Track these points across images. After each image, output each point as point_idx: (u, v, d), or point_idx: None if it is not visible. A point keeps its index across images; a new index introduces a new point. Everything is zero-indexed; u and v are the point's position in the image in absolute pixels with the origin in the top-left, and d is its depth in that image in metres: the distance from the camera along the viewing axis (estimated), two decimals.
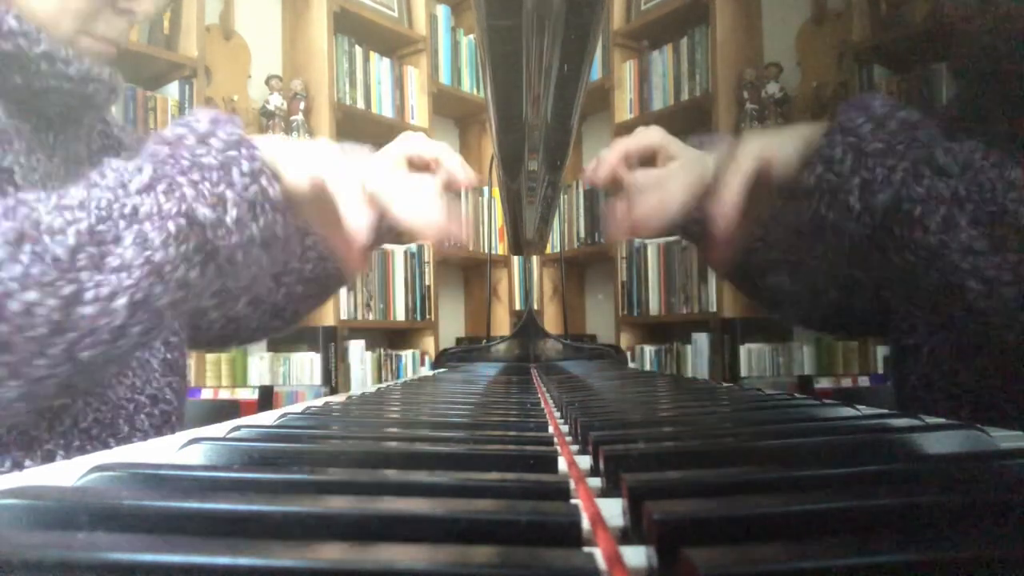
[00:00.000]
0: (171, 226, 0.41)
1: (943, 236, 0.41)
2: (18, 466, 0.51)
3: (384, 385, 0.56)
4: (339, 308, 2.41)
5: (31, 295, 0.38)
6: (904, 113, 0.45)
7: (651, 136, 0.56)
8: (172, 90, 2.09)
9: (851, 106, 0.46)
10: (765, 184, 0.47)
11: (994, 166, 0.42)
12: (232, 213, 0.42)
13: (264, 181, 0.44)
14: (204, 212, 0.42)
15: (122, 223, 0.40)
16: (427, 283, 2.72)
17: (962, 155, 0.42)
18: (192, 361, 2.01)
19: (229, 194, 0.43)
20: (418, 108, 2.72)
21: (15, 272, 0.37)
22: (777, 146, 0.47)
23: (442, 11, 2.86)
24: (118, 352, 0.42)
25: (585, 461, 0.25)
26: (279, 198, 0.45)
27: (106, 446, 0.56)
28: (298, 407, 0.42)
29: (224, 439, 0.25)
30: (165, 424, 0.63)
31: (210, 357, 2.15)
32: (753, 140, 0.48)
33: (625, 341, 2.68)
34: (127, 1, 0.58)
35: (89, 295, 0.39)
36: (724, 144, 0.51)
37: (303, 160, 0.47)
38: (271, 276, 0.46)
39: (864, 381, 2.01)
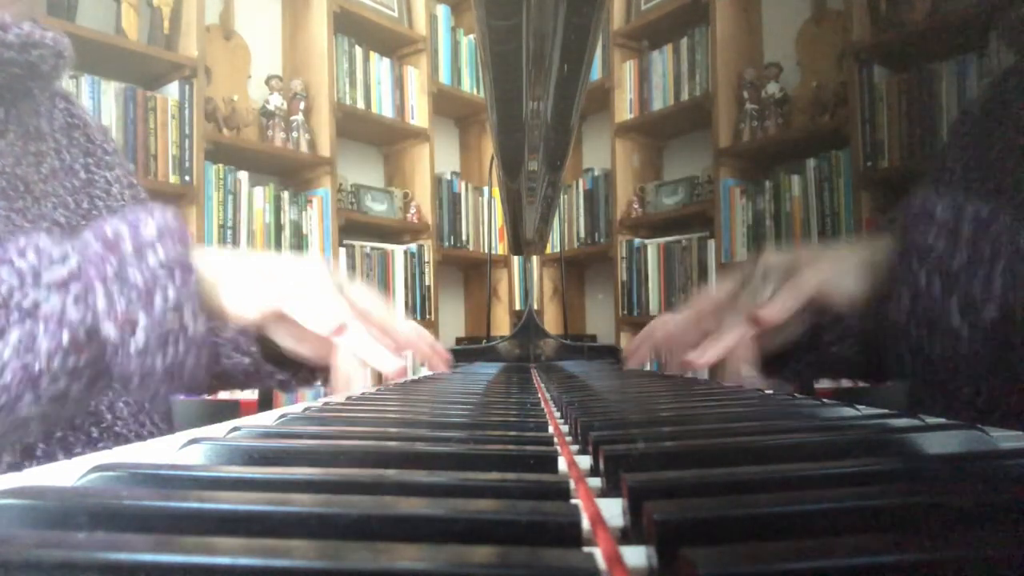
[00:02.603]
0: (65, 336, 0.36)
1: None
2: (17, 467, 0.51)
3: (384, 385, 0.56)
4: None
5: None
6: (972, 209, 0.41)
7: (688, 317, 0.53)
8: (172, 90, 2.09)
9: (915, 217, 0.42)
10: (819, 309, 0.45)
11: None
12: (139, 340, 0.37)
13: (187, 315, 0.39)
14: (108, 330, 0.37)
15: (15, 316, 0.36)
16: (427, 283, 2.72)
17: None
18: None
19: (142, 319, 0.38)
20: (418, 108, 2.72)
21: None
22: (836, 277, 0.44)
23: (442, 11, 2.86)
24: None
25: (585, 461, 0.25)
26: (198, 336, 0.40)
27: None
28: (298, 407, 0.42)
29: (224, 439, 0.25)
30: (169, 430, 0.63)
31: None
32: (812, 269, 0.45)
33: (625, 341, 2.68)
34: None
35: None
36: (776, 280, 0.48)
37: (257, 293, 0.44)
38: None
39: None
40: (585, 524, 0.16)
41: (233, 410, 1.57)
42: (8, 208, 0.54)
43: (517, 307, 2.90)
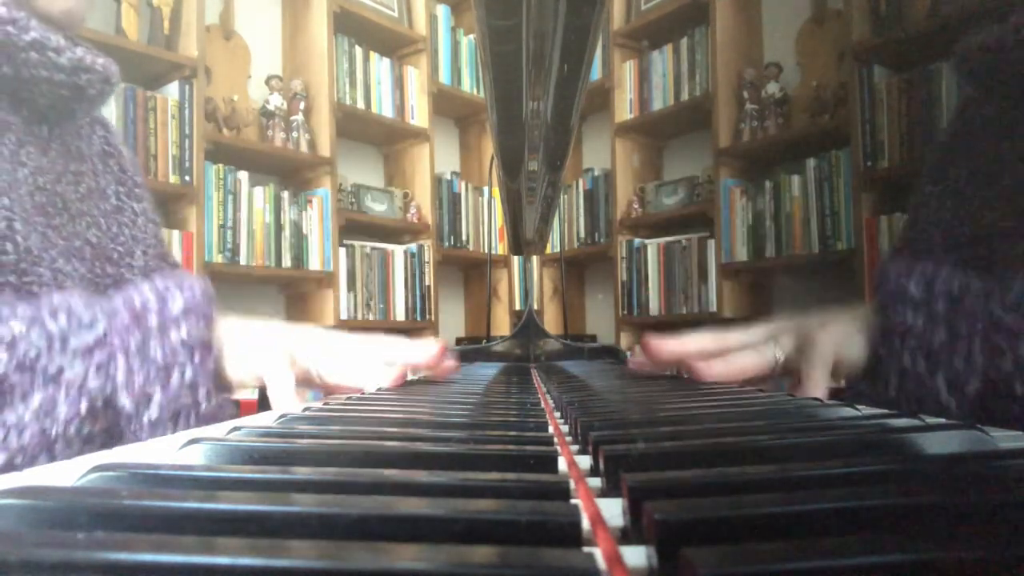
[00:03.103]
0: (84, 405, 0.37)
1: None
2: (17, 467, 0.51)
3: (381, 388, 0.56)
4: (339, 308, 2.41)
5: None
6: (942, 285, 0.43)
7: (703, 342, 0.54)
8: (172, 90, 2.09)
9: (890, 298, 0.44)
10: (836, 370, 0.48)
11: None
12: (152, 414, 0.39)
13: (200, 395, 0.41)
14: (125, 402, 0.38)
15: (39, 380, 0.36)
16: (427, 283, 2.72)
17: (1019, 303, 0.40)
18: None
19: (158, 395, 0.39)
20: (418, 108, 2.72)
21: None
22: (846, 350, 0.47)
23: (442, 11, 2.86)
24: None
25: (585, 461, 0.25)
26: (208, 415, 0.42)
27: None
28: (298, 407, 0.42)
29: (224, 439, 0.25)
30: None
31: None
32: (824, 342, 0.47)
33: (625, 341, 2.68)
34: None
35: None
36: (790, 337, 0.51)
37: (250, 363, 0.47)
38: None
39: None
40: (585, 524, 0.16)
41: (233, 410, 1.57)
42: (46, 224, 0.55)
43: (517, 307, 2.90)
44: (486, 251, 2.92)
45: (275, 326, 0.52)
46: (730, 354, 0.52)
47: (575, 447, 0.28)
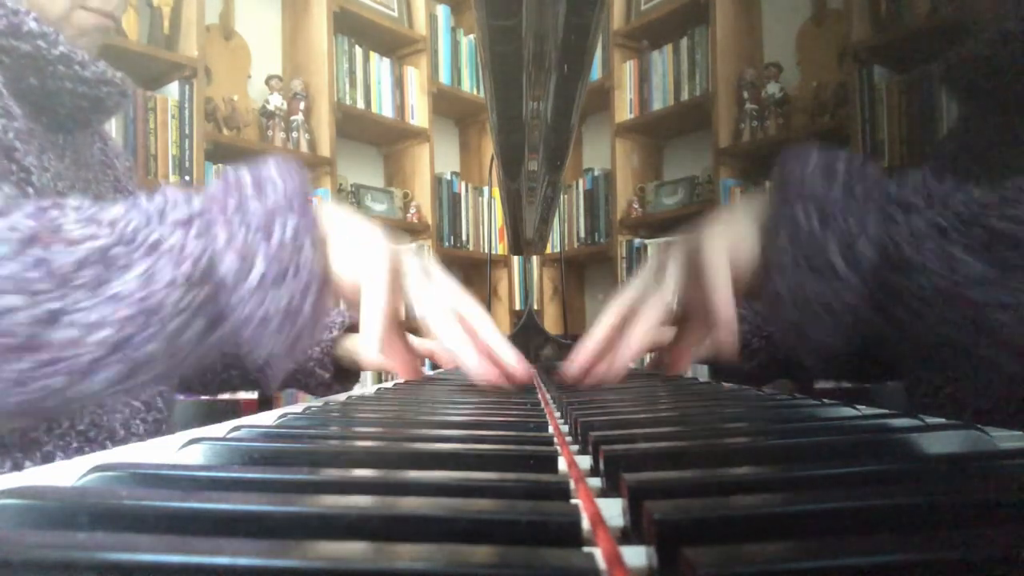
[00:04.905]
0: (186, 267, 0.36)
1: (947, 273, 0.37)
2: (18, 467, 0.51)
3: (384, 385, 0.56)
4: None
5: (14, 299, 0.34)
6: (844, 154, 0.42)
7: (606, 324, 0.50)
8: (172, 90, 2.08)
9: (789, 162, 0.42)
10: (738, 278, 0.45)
11: (955, 189, 0.39)
12: (258, 270, 0.37)
13: (307, 247, 0.39)
14: (229, 261, 0.37)
15: (139, 252, 0.36)
16: None
17: (917, 184, 0.40)
18: None
19: (262, 247, 0.37)
20: (418, 108, 2.72)
21: (9, 270, 0.34)
22: (738, 240, 0.44)
23: (442, 11, 2.86)
24: (77, 395, 0.36)
25: (585, 461, 0.25)
26: (316, 273, 0.39)
27: (103, 448, 0.57)
28: (298, 407, 0.42)
29: (224, 439, 0.25)
30: (158, 431, 0.63)
31: None
32: (714, 260, 0.45)
33: None
34: None
35: (69, 318, 0.35)
36: (677, 267, 0.48)
37: (356, 256, 0.44)
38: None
39: None
40: (585, 524, 0.16)
41: (233, 410, 1.57)
42: None
43: (517, 307, 2.90)
44: (486, 251, 2.92)
45: (381, 232, 0.48)
46: (619, 338, 0.49)
47: (575, 447, 0.28)
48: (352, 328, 0.85)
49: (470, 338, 0.47)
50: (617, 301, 0.51)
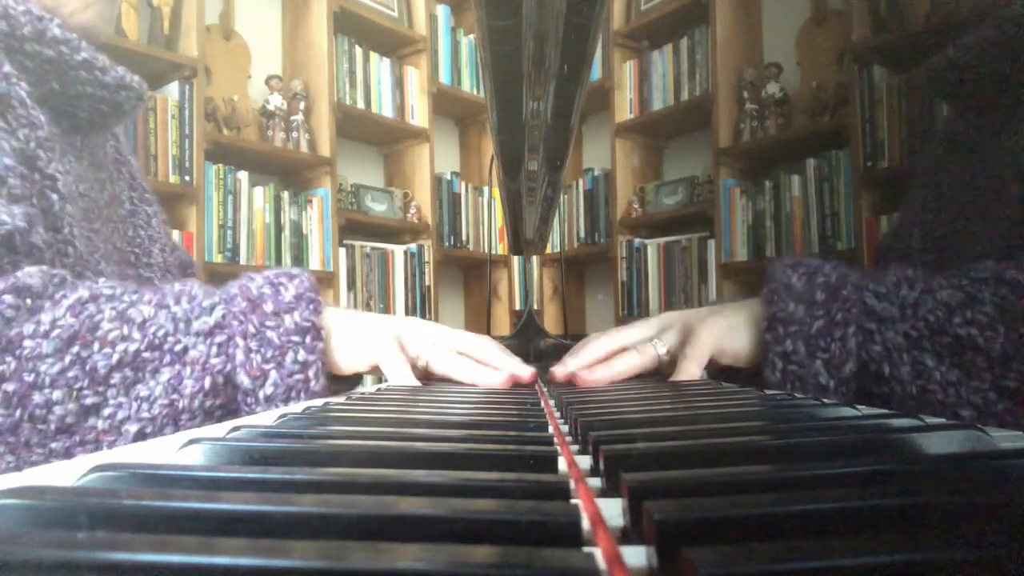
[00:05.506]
0: (207, 382, 0.41)
1: (919, 382, 0.43)
2: (17, 467, 0.51)
3: (384, 385, 0.56)
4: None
5: (57, 394, 0.39)
6: (822, 278, 0.48)
7: (596, 350, 0.58)
8: (172, 90, 2.09)
9: (776, 292, 0.49)
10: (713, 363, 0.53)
11: (924, 293, 0.45)
12: (267, 390, 0.43)
13: (311, 374, 0.45)
14: (244, 380, 0.42)
15: (167, 358, 0.41)
16: (427, 283, 2.72)
17: (893, 295, 0.45)
18: None
19: (273, 374, 0.43)
20: (418, 108, 2.72)
21: (53, 370, 0.39)
22: (728, 341, 0.52)
23: (442, 11, 2.86)
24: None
25: (585, 461, 0.25)
26: (317, 392, 0.46)
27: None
28: (298, 407, 0.42)
29: (224, 439, 0.25)
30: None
31: None
32: (703, 335, 0.52)
33: None
34: None
35: (107, 411, 0.40)
36: (675, 332, 0.56)
37: (362, 350, 0.50)
38: None
39: None
40: (585, 524, 0.16)
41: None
42: (88, 229, 0.58)
43: (517, 307, 2.90)
44: (486, 251, 2.92)
45: (380, 315, 0.55)
46: (613, 357, 0.55)
47: (575, 447, 0.28)
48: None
49: (473, 362, 0.54)
50: (615, 338, 0.58)
